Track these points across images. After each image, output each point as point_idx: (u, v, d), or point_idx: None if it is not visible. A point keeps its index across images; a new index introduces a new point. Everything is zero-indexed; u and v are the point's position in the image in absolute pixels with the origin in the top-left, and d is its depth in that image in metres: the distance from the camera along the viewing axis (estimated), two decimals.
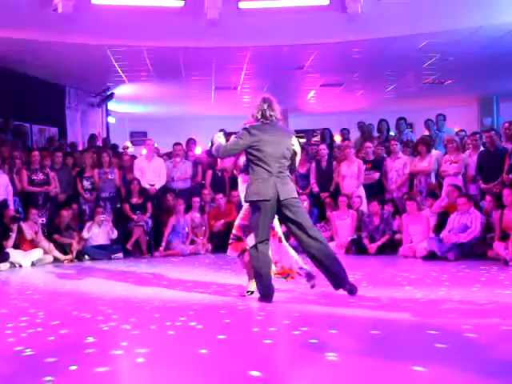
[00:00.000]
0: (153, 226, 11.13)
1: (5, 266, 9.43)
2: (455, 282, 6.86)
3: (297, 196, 5.85)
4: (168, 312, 5.37)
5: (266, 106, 5.84)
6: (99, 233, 10.73)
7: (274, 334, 4.56)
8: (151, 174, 11.51)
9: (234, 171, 6.48)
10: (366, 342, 4.18)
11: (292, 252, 6.11)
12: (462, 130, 13.29)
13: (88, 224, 10.78)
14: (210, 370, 3.59)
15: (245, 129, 5.81)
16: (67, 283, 7.80)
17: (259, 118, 5.85)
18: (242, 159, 6.09)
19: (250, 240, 5.75)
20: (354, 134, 14.34)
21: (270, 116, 5.83)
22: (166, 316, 5.11)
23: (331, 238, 10.63)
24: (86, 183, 11.29)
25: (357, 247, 10.27)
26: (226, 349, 4.06)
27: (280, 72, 14.14)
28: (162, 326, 4.74)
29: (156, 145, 12.78)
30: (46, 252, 10.09)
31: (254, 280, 5.87)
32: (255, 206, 5.71)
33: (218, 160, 6.53)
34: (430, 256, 8.99)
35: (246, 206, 6.03)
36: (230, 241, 6.16)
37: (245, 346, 4.13)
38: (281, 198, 5.66)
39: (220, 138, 6.00)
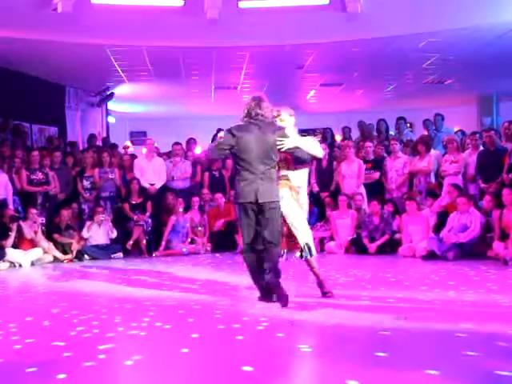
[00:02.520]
0: (152, 225, 11.13)
1: (4, 265, 9.44)
2: (457, 282, 6.86)
3: (276, 199, 5.64)
4: (165, 311, 5.39)
5: (253, 105, 5.70)
6: (99, 232, 10.73)
7: (273, 332, 4.57)
8: (151, 173, 11.50)
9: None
10: (364, 344, 4.19)
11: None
12: (459, 130, 13.30)
13: (88, 223, 10.78)
14: (207, 367, 3.64)
15: (227, 129, 5.68)
16: (66, 283, 7.81)
17: (244, 116, 5.71)
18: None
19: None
20: (354, 134, 14.34)
21: (256, 115, 5.63)
22: (162, 316, 5.12)
23: (331, 238, 10.64)
24: (86, 183, 11.30)
25: (357, 247, 10.26)
26: (220, 347, 4.11)
27: (280, 71, 14.13)
28: (160, 326, 4.75)
29: (156, 144, 12.78)
30: (45, 251, 10.09)
31: None
32: (238, 207, 5.67)
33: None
34: (430, 256, 9.00)
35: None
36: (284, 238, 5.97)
37: (240, 345, 4.19)
38: (259, 201, 5.53)
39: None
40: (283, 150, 5.62)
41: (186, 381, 3.50)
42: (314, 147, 5.83)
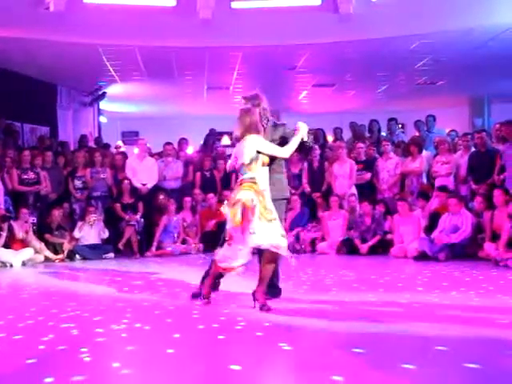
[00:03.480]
0: (144, 225, 11.10)
1: None
2: (449, 283, 6.89)
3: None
4: (142, 312, 5.39)
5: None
6: (90, 232, 10.70)
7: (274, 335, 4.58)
8: (143, 173, 11.47)
9: None
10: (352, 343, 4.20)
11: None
12: (452, 131, 13.33)
13: (79, 224, 10.75)
14: (196, 367, 3.67)
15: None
16: (57, 283, 7.81)
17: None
18: None
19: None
20: (346, 135, 14.35)
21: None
22: (140, 317, 5.11)
23: (322, 238, 10.66)
24: (78, 182, 11.27)
25: (348, 247, 10.28)
26: (204, 347, 4.15)
27: (272, 72, 14.14)
28: (140, 327, 4.74)
29: (148, 144, 12.75)
30: (36, 251, 10.05)
31: None
32: (285, 202, 5.94)
33: None
34: (421, 256, 9.02)
35: None
36: None
37: (223, 344, 4.22)
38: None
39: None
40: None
41: (177, 381, 3.50)
42: (274, 150, 5.47)
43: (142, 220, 11.07)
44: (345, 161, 11.21)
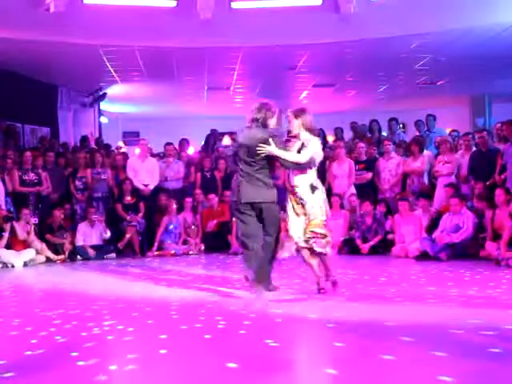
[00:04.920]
0: (145, 226, 11.10)
1: None
2: (449, 282, 6.89)
3: (236, 204, 6.02)
4: (157, 313, 5.40)
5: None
6: (92, 233, 10.70)
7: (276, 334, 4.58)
8: (144, 173, 11.47)
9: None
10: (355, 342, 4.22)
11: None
12: (454, 130, 13.33)
13: (80, 226, 10.74)
14: (194, 366, 3.71)
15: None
16: (59, 283, 7.80)
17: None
18: None
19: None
20: (347, 135, 14.35)
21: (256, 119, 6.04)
22: (120, 318, 5.12)
23: None
24: (78, 183, 11.27)
25: (349, 247, 10.28)
26: (195, 346, 4.18)
27: (272, 72, 14.14)
28: (123, 328, 4.76)
29: (149, 145, 12.76)
30: (38, 252, 10.05)
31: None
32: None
33: None
34: (423, 256, 9.02)
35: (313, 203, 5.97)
36: (314, 239, 5.92)
37: (212, 343, 4.26)
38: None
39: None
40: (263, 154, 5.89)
41: (176, 381, 3.51)
42: (290, 156, 5.91)
43: (143, 220, 11.08)
44: (344, 160, 11.22)
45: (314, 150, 5.94)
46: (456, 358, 3.73)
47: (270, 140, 5.88)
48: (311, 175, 5.96)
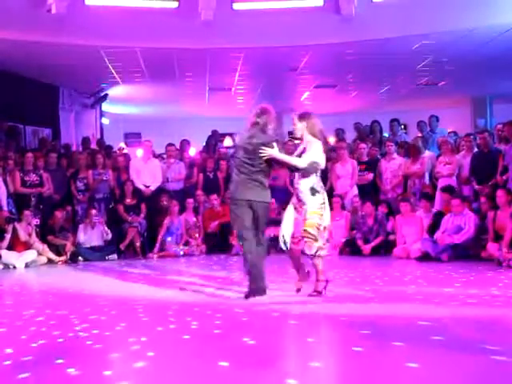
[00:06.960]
0: (147, 227, 11.11)
1: None
2: (451, 282, 6.89)
3: (234, 200, 6.06)
4: (157, 313, 5.39)
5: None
6: (93, 234, 10.70)
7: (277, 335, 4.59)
8: (147, 175, 11.47)
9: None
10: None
11: None
12: (452, 132, 13.32)
13: (81, 226, 10.74)
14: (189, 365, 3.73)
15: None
16: (60, 284, 7.80)
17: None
18: None
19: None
20: (348, 136, 14.32)
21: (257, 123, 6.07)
22: (157, 318, 5.12)
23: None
24: (80, 184, 11.27)
25: (351, 248, 10.27)
26: (187, 345, 4.20)
27: (274, 73, 14.14)
28: (156, 327, 4.75)
29: None
30: (39, 253, 10.05)
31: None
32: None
33: None
34: (424, 257, 9.01)
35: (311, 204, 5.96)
36: (306, 239, 5.90)
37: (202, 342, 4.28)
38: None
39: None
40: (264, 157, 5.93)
41: (176, 380, 3.52)
42: (291, 161, 6.00)
43: (145, 221, 11.08)
44: (346, 161, 11.23)
45: (315, 154, 5.94)
46: (460, 358, 3.73)
47: (274, 144, 5.93)
48: (313, 178, 5.96)
